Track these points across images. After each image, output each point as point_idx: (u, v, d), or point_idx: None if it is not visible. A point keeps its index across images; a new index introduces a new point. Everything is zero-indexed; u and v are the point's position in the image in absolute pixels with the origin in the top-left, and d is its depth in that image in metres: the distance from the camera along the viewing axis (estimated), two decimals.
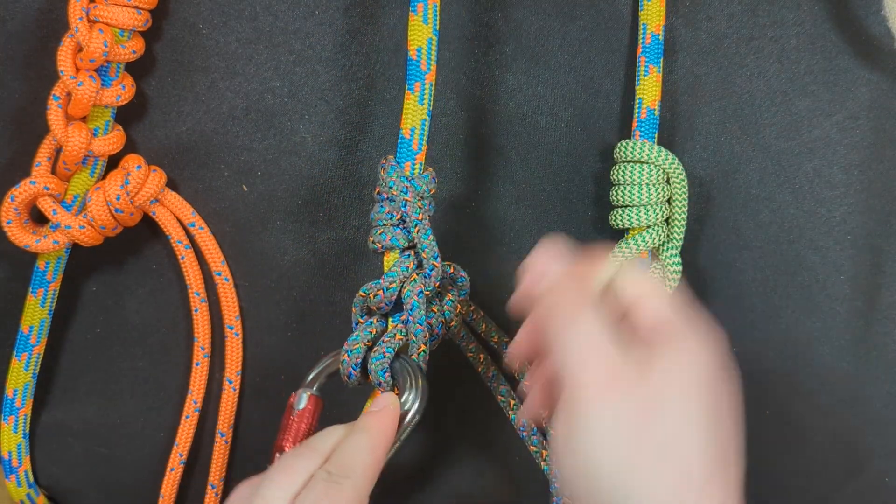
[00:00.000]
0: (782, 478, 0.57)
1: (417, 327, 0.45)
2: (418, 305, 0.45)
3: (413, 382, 0.44)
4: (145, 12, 0.49)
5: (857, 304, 0.54)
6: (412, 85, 0.45)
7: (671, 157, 0.50)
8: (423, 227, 0.46)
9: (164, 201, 0.53)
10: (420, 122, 0.46)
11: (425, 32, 0.45)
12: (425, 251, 0.46)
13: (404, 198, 0.45)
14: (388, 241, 0.46)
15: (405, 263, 0.46)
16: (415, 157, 0.46)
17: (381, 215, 0.46)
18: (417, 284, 0.45)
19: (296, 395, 0.45)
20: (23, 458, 0.57)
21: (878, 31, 0.51)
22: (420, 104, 0.45)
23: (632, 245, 0.51)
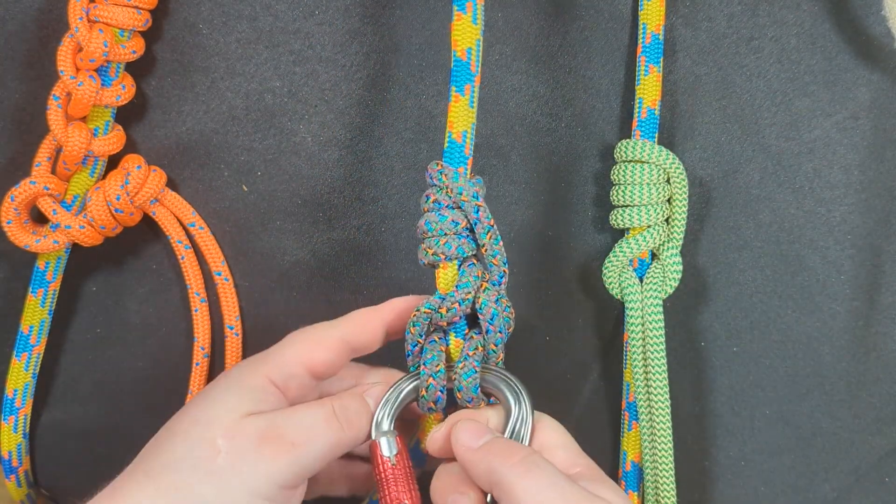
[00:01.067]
0: (782, 478, 0.57)
1: (498, 336, 0.44)
2: (498, 314, 0.43)
3: (520, 390, 0.43)
4: (145, 12, 0.49)
5: (857, 304, 0.54)
6: (462, 87, 0.44)
7: (671, 157, 0.50)
8: (495, 234, 0.44)
9: (164, 201, 0.53)
10: (471, 125, 0.44)
11: (473, 33, 0.43)
12: (497, 258, 0.44)
13: (476, 203, 0.44)
14: (454, 251, 0.44)
15: (475, 272, 0.44)
16: (467, 161, 0.44)
17: (443, 224, 0.43)
18: (492, 292, 0.44)
19: (378, 444, 0.43)
20: (23, 458, 0.57)
21: (878, 31, 0.51)
22: (470, 107, 0.44)
23: (632, 245, 0.51)
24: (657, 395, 0.52)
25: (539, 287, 0.55)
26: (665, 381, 0.52)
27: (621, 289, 0.53)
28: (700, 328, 0.56)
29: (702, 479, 0.58)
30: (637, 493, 0.56)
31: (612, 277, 0.53)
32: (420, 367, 0.44)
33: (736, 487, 0.58)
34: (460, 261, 0.44)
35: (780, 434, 0.57)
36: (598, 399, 0.57)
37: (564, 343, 0.56)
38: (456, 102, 0.44)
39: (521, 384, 0.43)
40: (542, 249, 0.55)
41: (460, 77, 0.44)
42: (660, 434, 0.52)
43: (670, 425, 0.52)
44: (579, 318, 0.56)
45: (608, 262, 0.52)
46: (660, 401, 0.52)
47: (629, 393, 0.55)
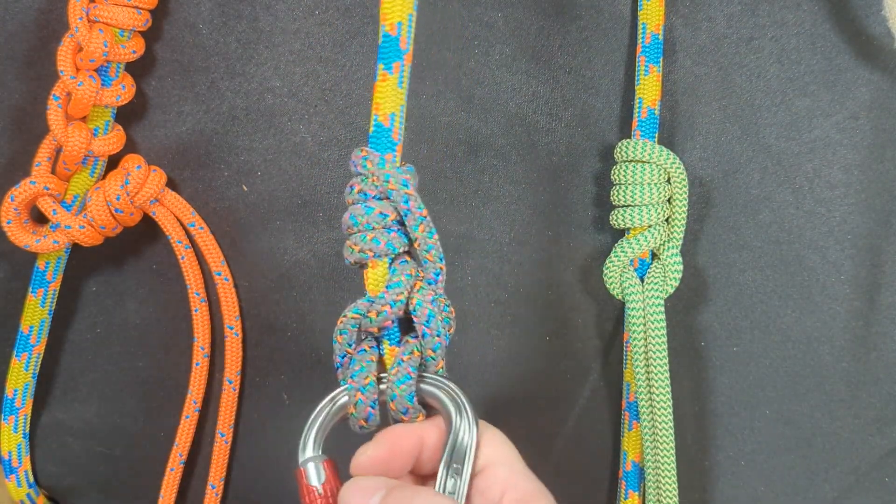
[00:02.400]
0: (782, 478, 0.57)
1: (436, 340, 0.39)
2: (435, 315, 0.39)
3: (460, 399, 0.38)
4: (145, 12, 0.49)
5: (857, 304, 0.54)
6: (390, 65, 0.39)
7: (672, 157, 0.50)
8: (429, 225, 0.39)
9: (164, 201, 0.53)
10: (399, 107, 0.39)
11: (406, 6, 0.39)
12: (431, 253, 0.39)
13: (405, 192, 0.39)
14: (383, 247, 0.39)
15: (407, 270, 0.39)
16: (395, 147, 0.40)
17: (371, 217, 0.39)
18: (427, 292, 0.39)
19: (304, 470, 0.38)
20: (23, 458, 0.57)
21: (878, 31, 0.51)
22: (399, 87, 0.39)
23: (633, 245, 0.51)
24: (659, 395, 0.52)
25: (539, 287, 0.55)
26: (667, 380, 0.52)
27: (622, 289, 0.53)
28: (700, 328, 0.56)
29: (702, 479, 0.58)
30: (638, 493, 0.56)
31: (613, 277, 0.53)
32: (347, 380, 0.39)
33: (736, 487, 0.58)
34: (391, 258, 0.39)
35: (780, 434, 0.57)
36: (598, 399, 0.57)
37: (564, 343, 0.56)
38: (383, 81, 0.39)
39: (462, 393, 0.38)
40: (542, 249, 0.55)
41: (389, 54, 0.39)
42: (662, 434, 0.52)
43: (672, 425, 0.53)
44: (579, 318, 0.56)
45: (609, 262, 0.52)
46: (662, 401, 0.52)
47: (629, 393, 0.55)
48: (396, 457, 0.38)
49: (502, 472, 0.38)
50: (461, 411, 0.38)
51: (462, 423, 0.38)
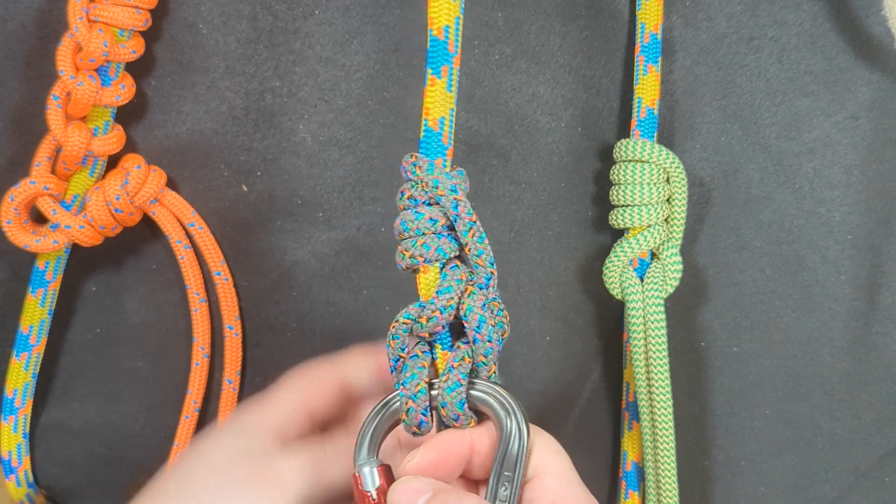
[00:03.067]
0: (782, 478, 0.57)
1: (487, 346, 0.38)
2: (485, 320, 0.38)
3: (511, 406, 0.38)
4: (145, 12, 0.49)
5: (857, 304, 0.54)
6: (438, 69, 0.39)
7: (671, 156, 0.50)
8: (479, 231, 0.39)
9: (163, 201, 0.53)
10: (449, 111, 0.39)
11: (453, 10, 0.39)
12: (482, 257, 0.39)
13: (454, 197, 0.39)
14: (433, 253, 0.39)
15: (457, 276, 0.39)
16: (445, 152, 0.40)
17: (420, 223, 0.39)
18: (478, 297, 0.39)
19: (359, 476, 0.38)
20: (23, 458, 0.57)
21: (878, 31, 0.51)
22: (448, 91, 0.39)
23: (632, 244, 0.51)
24: (659, 395, 0.52)
25: (539, 287, 0.55)
26: (667, 380, 0.52)
27: (622, 289, 0.53)
28: (700, 328, 0.56)
29: (702, 480, 0.58)
30: (638, 493, 0.56)
31: (613, 277, 0.53)
32: (400, 386, 0.39)
33: (736, 487, 0.58)
34: (442, 263, 0.39)
35: (780, 434, 0.57)
36: (598, 399, 0.57)
37: (564, 343, 0.56)
38: (432, 86, 0.39)
39: (513, 399, 0.38)
40: (542, 249, 0.55)
41: (438, 58, 0.39)
42: (662, 434, 0.52)
43: (672, 425, 0.52)
44: (579, 318, 0.56)
45: (608, 262, 0.52)
46: (662, 401, 0.52)
47: (629, 393, 0.55)
48: (444, 464, 0.38)
49: (552, 483, 0.37)
50: (512, 418, 0.38)
51: (513, 430, 0.38)
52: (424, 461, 0.37)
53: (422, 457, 0.37)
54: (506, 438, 0.38)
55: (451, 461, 0.38)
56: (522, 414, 0.38)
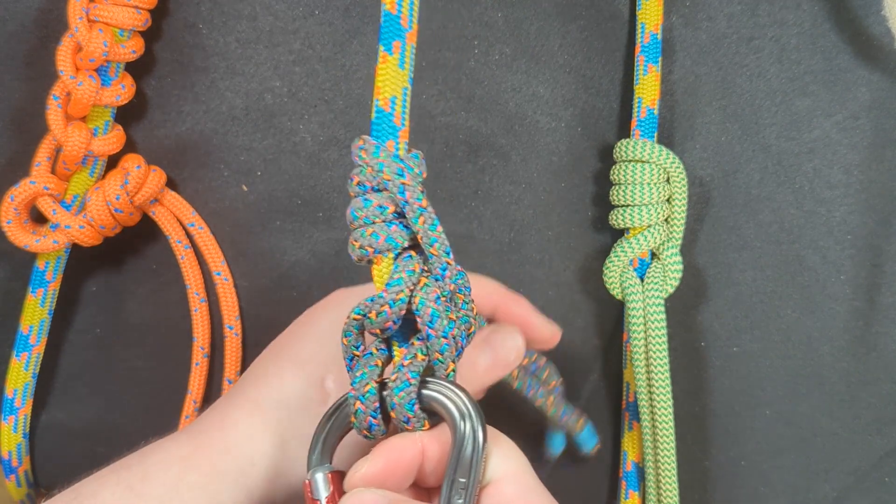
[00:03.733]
0: (783, 478, 0.57)
1: (442, 342, 0.35)
2: (439, 315, 0.35)
3: (466, 407, 0.35)
4: (145, 12, 0.49)
5: (857, 304, 0.54)
6: (390, 45, 0.36)
7: (671, 156, 0.50)
8: (430, 217, 0.36)
9: (163, 201, 0.53)
10: (402, 90, 0.36)
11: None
12: (435, 246, 0.36)
13: (401, 181, 0.36)
14: (383, 242, 0.36)
15: (409, 266, 0.36)
16: (398, 133, 0.37)
17: (368, 211, 0.36)
18: (431, 289, 0.36)
19: (309, 483, 0.36)
20: (23, 458, 0.57)
21: (878, 31, 0.51)
22: (401, 68, 0.36)
23: (632, 244, 0.51)
24: (659, 395, 0.52)
25: (539, 287, 0.55)
26: (667, 380, 0.52)
27: (622, 289, 0.53)
28: (700, 328, 0.56)
29: (702, 480, 0.58)
30: (638, 493, 0.56)
31: (613, 277, 0.53)
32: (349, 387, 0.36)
33: (736, 487, 0.58)
34: (396, 253, 0.36)
35: (780, 434, 0.56)
36: (598, 399, 0.57)
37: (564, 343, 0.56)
38: (383, 63, 0.36)
39: (468, 399, 0.35)
40: (542, 249, 0.55)
41: (389, 33, 0.36)
42: (662, 434, 0.52)
43: (673, 425, 0.53)
44: (579, 318, 0.56)
45: (608, 262, 0.52)
46: (662, 401, 0.52)
47: (629, 393, 0.55)
48: (395, 472, 0.35)
49: (510, 490, 0.35)
50: (467, 420, 0.34)
51: (467, 433, 0.34)
52: (373, 470, 0.34)
53: (370, 465, 0.34)
54: (459, 442, 0.34)
55: (401, 468, 0.35)
56: (478, 416, 0.35)
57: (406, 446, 0.35)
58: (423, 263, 0.37)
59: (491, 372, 0.42)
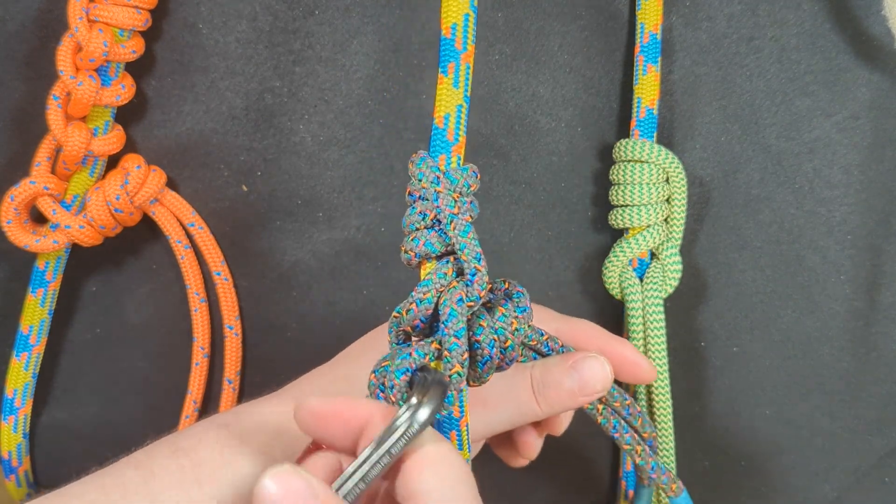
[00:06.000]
0: (782, 478, 0.57)
1: (453, 340, 0.36)
2: (456, 314, 0.37)
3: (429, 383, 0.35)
4: (145, 12, 0.49)
5: (857, 304, 0.54)
6: (445, 66, 0.39)
7: (670, 156, 0.50)
8: (461, 224, 0.38)
9: (163, 201, 0.53)
10: (456, 107, 0.39)
11: (461, 7, 0.39)
12: (465, 251, 0.38)
13: (436, 189, 0.39)
14: (422, 247, 0.38)
15: (442, 270, 0.38)
16: (451, 148, 0.39)
17: (412, 218, 0.39)
18: (456, 292, 0.37)
19: None
20: (23, 458, 0.57)
21: (878, 31, 0.51)
22: (455, 87, 0.39)
23: (632, 244, 0.51)
24: (659, 395, 0.52)
25: (539, 287, 0.55)
26: (666, 380, 0.52)
27: (621, 289, 0.53)
28: (700, 328, 0.56)
29: (702, 480, 0.57)
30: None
31: (612, 277, 0.53)
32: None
33: (736, 487, 0.58)
34: (438, 258, 0.39)
35: (780, 434, 0.56)
36: None
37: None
38: (440, 84, 0.40)
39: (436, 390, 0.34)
40: (542, 249, 0.55)
41: (446, 55, 0.40)
42: (661, 434, 0.52)
43: (672, 425, 0.53)
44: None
45: (608, 262, 0.52)
46: (661, 400, 0.52)
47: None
48: (334, 422, 0.34)
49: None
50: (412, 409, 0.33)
51: (402, 419, 0.33)
52: (322, 407, 0.34)
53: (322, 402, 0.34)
54: (396, 417, 0.33)
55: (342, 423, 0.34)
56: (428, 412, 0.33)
57: (361, 403, 0.34)
58: (456, 269, 0.39)
59: (576, 397, 0.43)
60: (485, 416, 0.42)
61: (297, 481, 0.30)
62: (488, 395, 0.42)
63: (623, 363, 0.46)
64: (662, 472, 0.47)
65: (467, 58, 0.40)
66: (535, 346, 0.44)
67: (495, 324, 0.39)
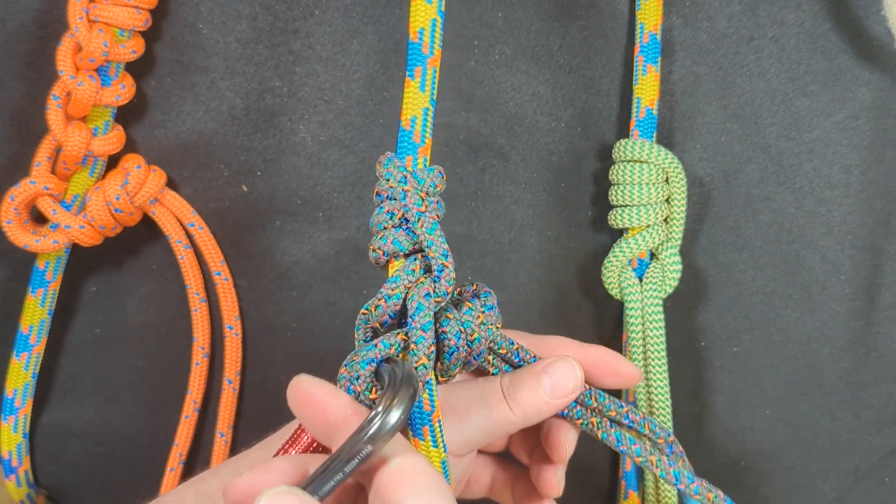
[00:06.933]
0: (783, 478, 0.57)
1: (419, 333, 0.37)
2: (423, 308, 0.37)
3: (399, 382, 0.35)
4: (145, 12, 0.49)
5: (857, 304, 0.54)
6: (412, 70, 0.40)
7: (670, 156, 0.50)
8: (428, 221, 0.39)
9: (163, 201, 0.53)
10: (422, 110, 0.40)
11: (428, 13, 0.41)
12: (432, 248, 0.39)
13: (403, 188, 0.39)
14: (390, 246, 0.39)
15: (410, 267, 0.39)
16: (417, 150, 0.40)
17: (380, 217, 0.40)
18: (424, 287, 0.38)
19: None
20: (23, 458, 0.57)
21: (878, 31, 0.51)
22: (422, 91, 0.40)
23: (631, 245, 0.51)
24: (658, 395, 0.52)
25: (539, 287, 0.55)
26: (665, 380, 0.52)
27: (621, 289, 0.53)
28: (700, 328, 0.56)
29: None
30: (637, 493, 0.56)
31: (612, 277, 0.53)
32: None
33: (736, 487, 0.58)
34: (406, 256, 0.40)
35: (780, 434, 0.56)
36: None
37: None
38: (407, 87, 0.41)
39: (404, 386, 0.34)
40: (542, 249, 0.55)
41: (412, 59, 0.41)
42: None
43: (671, 425, 0.53)
44: (579, 318, 0.56)
45: (607, 262, 0.52)
46: (660, 400, 0.52)
47: (629, 393, 0.55)
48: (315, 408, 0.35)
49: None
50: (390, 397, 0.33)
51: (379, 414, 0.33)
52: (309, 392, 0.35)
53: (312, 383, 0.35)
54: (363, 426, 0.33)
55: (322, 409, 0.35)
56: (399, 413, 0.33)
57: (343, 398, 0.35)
58: (424, 266, 0.39)
59: (548, 399, 0.43)
60: (457, 424, 0.42)
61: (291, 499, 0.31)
62: (457, 402, 0.42)
63: (599, 366, 0.46)
64: (690, 480, 0.44)
65: (434, 62, 0.41)
66: (505, 355, 0.44)
67: (462, 317, 0.40)
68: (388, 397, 0.34)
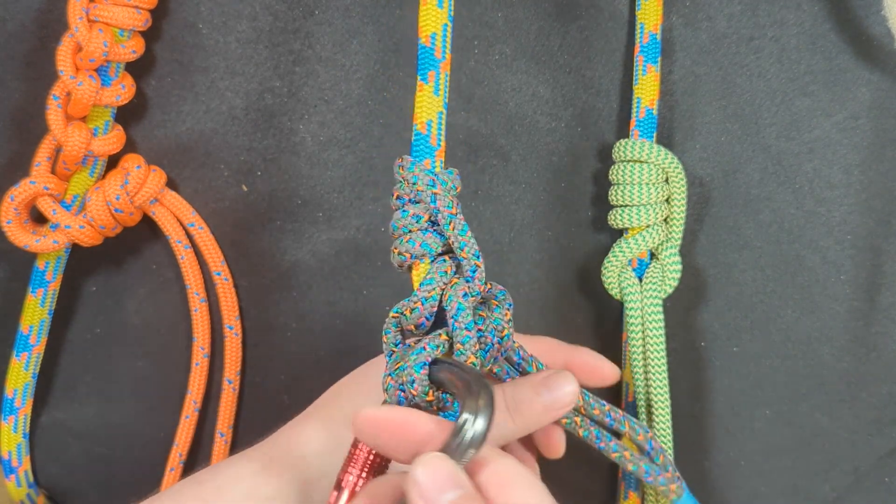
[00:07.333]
0: (782, 478, 0.57)
1: (464, 333, 0.37)
2: (464, 308, 0.38)
3: (476, 386, 0.34)
4: (145, 12, 0.49)
5: (857, 304, 0.54)
6: (425, 74, 0.41)
7: (670, 156, 0.50)
8: (459, 223, 0.39)
9: (163, 201, 0.53)
10: (437, 114, 0.41)
11: (440, 17, 0.41)
12: (465, 250, 0.39)
13: (432, 191, 0.40)
14: (419, 248, 0.39)
15: (442, 268, 0.39)
16: (434, 153, 0.41)
17: (405, 221, 0.40)
18: (460, 287, 0.38)
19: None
20: (23, 458, 0.57)
21: (878, 31, 0.51)
22: (436, 94, 0.41)
23: (631, 245, 0.51)
24: (657, 395, 0.52)
25: (539, 287, 0.55)
26: (665, 380, 0.52)
27: (621, 289, 0.53)
28: (700, 328, 0.56)
29: (702, 480, 0.57)
30: (637, 493, 0.56)
31: (612, 277, 0.53)
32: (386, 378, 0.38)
33: (736, 487, 0.58)
34: (432, 258, 0.40)
35: (780, 434, 0.56)
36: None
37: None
38: (420, 91, 0.41)
39: (483, 384, 0.34)
40: (542, 249, 0.55)
41: (425, 64, 0.41)
42: (661, 434, 0.52)
43: (671, 425, 0.52)
44: (579, 318, 0.56)
45: (607, 262, 0.52)
46: (660, 401, 0.52)
47: (628, 393, 0.55)
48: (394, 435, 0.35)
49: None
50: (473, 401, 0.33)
51: (470, 415, 0.33)
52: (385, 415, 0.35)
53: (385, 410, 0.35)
54: (461, 425, 0.33)
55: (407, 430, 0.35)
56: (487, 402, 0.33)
57: (422, 418, 0.35)
58: (455, 266, 0.40)
59: (548, 412, 0.43)
60: None
61: (446, 465, 0.32)
62: None
63: (584, 368, 0.47)
64: (658, 473, 0.46)
65: (445, 66, 0.41)
66: (510, 357, 0.44)
67: (492, 315, 0.40)
68: (471, 403, 0.33)
